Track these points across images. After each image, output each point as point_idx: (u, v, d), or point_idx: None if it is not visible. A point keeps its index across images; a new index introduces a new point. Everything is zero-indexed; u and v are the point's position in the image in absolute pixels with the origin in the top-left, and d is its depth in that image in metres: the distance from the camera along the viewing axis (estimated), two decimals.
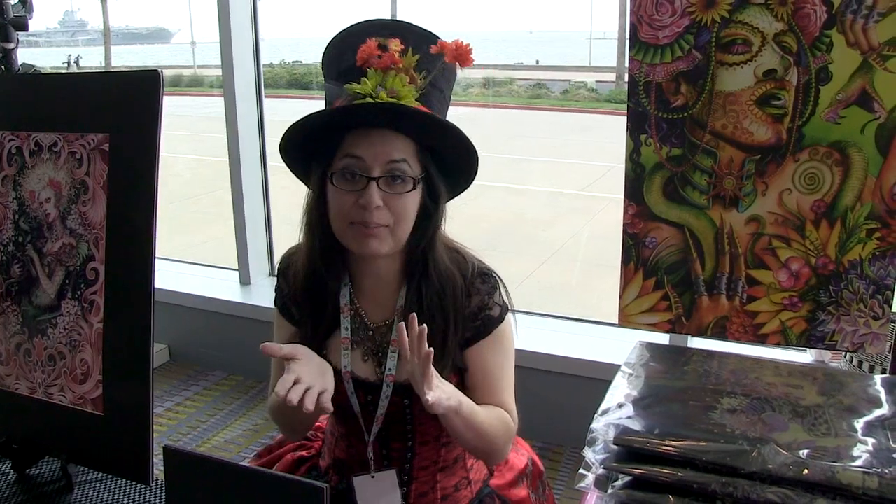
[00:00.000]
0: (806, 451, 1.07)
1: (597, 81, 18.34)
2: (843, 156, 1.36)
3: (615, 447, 1.11)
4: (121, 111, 1.37)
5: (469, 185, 1.48)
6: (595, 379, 2.91)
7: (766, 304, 1.45)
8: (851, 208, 1.37)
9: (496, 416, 1.47)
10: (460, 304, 1.46)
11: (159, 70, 1.34)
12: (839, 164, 1.36)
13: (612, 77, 18.50)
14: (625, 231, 1.50)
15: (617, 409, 1.16)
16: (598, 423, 1.14)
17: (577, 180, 10.64)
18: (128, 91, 1.37)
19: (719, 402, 1.19)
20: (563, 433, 3.09)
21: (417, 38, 1.38)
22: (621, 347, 3.03)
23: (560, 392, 3.08)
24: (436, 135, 1.37)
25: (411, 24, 1.42)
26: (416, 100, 1.33)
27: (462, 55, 1.34)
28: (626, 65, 1.45)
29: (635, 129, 1.45)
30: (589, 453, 1.13)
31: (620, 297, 1.54)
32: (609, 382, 1.31)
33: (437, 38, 1.38)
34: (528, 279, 6.62)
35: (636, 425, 1.12)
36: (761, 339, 1.46)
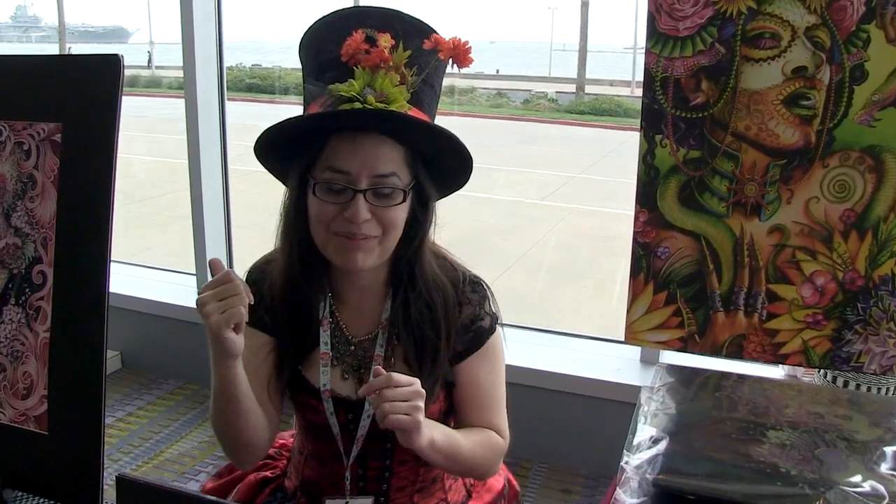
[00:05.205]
0: (872, 491, 0.98)
1: (557, 92, 18.78)
2: (876, 162, 1.32)
3: (654, 489, 0.99)
4: (75, 99, 1.28)
5: (461, 187, 1.43)
6: (564, 392, 2.93)
7: (788, 321, 1.41)
8: (884, 219, 1.34)
9: (479, 441, 1.42)
10: (452, 316, 1.41)
11: (119, 54, 1.26)
12: (872, 171, 1.32)
13: (572, 88, 18.92)
14: (635, 240, 1.45)
15: (651, 445, 1.06)
16: (631, 460, 1.03)
17: (537, 189, 10.81)
18: (83, 77, 1.28)
19: (765, 436, 1.10)
20: (532, 448, 3.05)
21: (409, 30, 1.32)
22: (589, 360, 3.03)
23: (529, 405, 3.02)
24: (427, 140, 1.31)
25: (401, 13, 1.35)
26: (407, 101, 1.27)
27: (460, 55, 1.27)
28: (587, 76, 1.38)
29: (650, 128, 1.40)
30: (622, 496, 1.02)
31: (628, 311, 1.50)
32: (578, 396, 1.21)
33: (431, 30, 1.32)
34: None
35: (678, 464, 1.03)
36: (781, 360, 1.42)
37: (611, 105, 16.15)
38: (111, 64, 1.25)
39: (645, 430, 1.12)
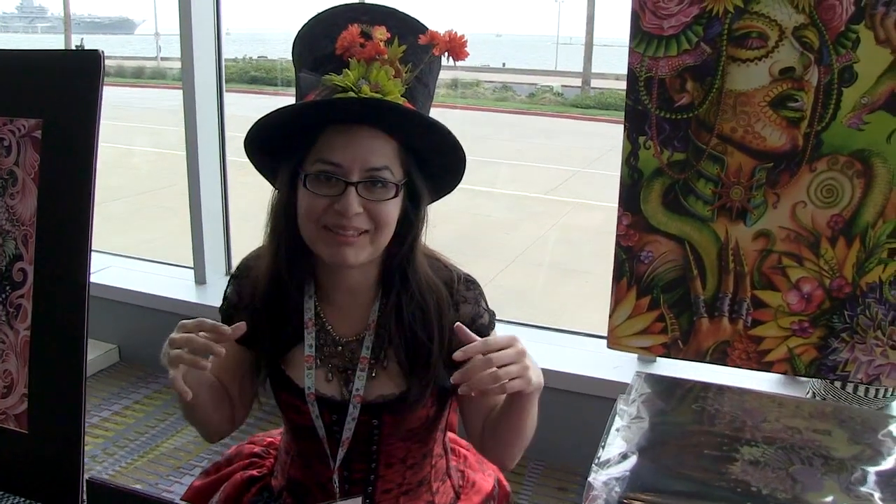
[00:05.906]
0: None
1: (562, 86, 18.72)
2: (865, 166, 1.26)
3: None
4: (56, 95, 1.27)
5: (453, 189, 1.41)
6: (560, 390, 2.91)
7: (773, 328, 1.35)
8: (872, 225, 1.27)
9: None
10: (447, 318, 1.38)
11: (100, 50, 1.25)
12: (861, 176, 1.26)
13: (577, 82, 18.86)
14: (618, 244, 1.39)
15: (620, 461, 1.02)
16: (598, 477, 0.99)
17: (541, 184, 10.79)
18: (64, 73, 1.27)
19: (739, 452, 1.05)
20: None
21: (403, 27, 1.30)
22: (587, 357, 3.00)
23: None
24: (422, 135, 1.29)
25: (396, 10, 1.33)
26: (401, 95, 1.25)
27: (456, 48, 1.26)
28: (592, 70, 1.34)
29: (633, 129, 1.34)
30: None
31: (610, 316, 1.44)
32: (574, 393, 1.18)
33: (424, 27, 1.31)
34: (489, 283, 6.59)
35: (646, 482, 0.98)
36: (766, 367, 1.36)
37: (616, 99, 16.05)
38: (91, 59, 1.23)
39: (616, 444, 1.08)
